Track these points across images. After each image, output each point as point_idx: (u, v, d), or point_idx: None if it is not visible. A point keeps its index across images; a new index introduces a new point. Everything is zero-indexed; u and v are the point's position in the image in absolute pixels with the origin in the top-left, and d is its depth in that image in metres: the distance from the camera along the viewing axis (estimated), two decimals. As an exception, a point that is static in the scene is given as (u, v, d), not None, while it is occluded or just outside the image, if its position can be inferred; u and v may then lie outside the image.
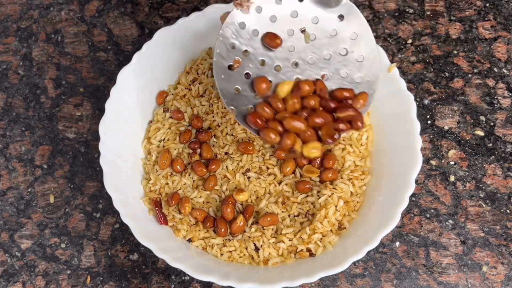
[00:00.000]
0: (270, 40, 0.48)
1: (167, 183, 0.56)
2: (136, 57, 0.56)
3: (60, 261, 0.59)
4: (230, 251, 0.54)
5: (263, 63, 0.49)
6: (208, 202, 0.56)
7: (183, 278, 0.58)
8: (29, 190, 0.62)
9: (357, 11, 0.49)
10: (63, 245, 0.60)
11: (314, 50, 0.50)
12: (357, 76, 0.50)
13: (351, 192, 0.55)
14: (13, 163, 0.64)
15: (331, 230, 0.53)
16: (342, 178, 0.55)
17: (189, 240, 0.55)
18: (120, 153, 0.55)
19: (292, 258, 0.53)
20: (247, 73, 0.48)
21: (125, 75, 0.56)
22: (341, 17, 0.49)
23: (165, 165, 0.56)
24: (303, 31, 0.49)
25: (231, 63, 0.48)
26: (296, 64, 0.49)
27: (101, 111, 0.55)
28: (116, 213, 0.60)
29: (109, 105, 0.55)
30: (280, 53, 0.49)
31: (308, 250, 0.53)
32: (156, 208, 0.55)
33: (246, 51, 0.48)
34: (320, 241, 0.53)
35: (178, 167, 0.56)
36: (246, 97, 0.48)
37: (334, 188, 0.54)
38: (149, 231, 0.52)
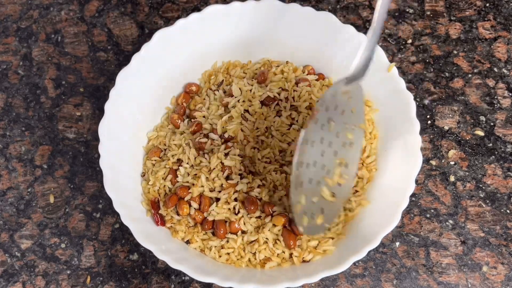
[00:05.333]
0: None
1: (165, 185, 0.56)
2: (135, 58, 0.56)
3: (60, 261, 0.59)
4: (228, 253, 0.53)
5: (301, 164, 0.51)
6: None
7: (183, 278, 0.58)
8: (29, 190, 0.62)
9: (361, 89, 0.52)
10: (63, 245, 0.60)
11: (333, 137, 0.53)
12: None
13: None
14: (13, 163, 0.64)
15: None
16: None
17: (187, 242, 0.55)
18: (120, 155, 0.55)
19: (287, 262, 0.53)
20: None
21: (124, 77, 0.56)
22: (348, 92, 0.52)
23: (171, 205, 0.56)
24: (329, 121, 0.52)
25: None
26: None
27: (101, 111, 0.55)
28: (116, 213, 0.60)
29: (108, 107, 0.55)
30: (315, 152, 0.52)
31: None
32: (153, 210, 0.54)
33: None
34: (315, 248, 0.53)
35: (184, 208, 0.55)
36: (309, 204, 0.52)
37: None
38: (149, 232, 0.52)
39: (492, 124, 0.63)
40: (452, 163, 0.61)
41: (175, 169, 0.56)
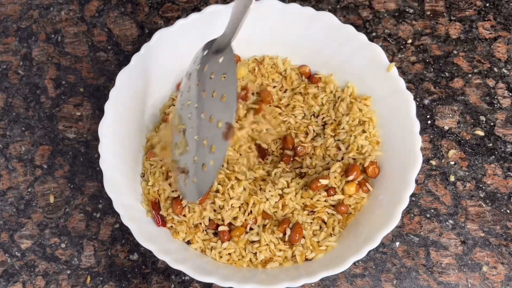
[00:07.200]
0: None
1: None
2: (135, 58, 0.56)
3: (60, 261, 0.59)
4: (229, 254, 0.53)
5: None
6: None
7: (183, 278, 0.58)
8: (29, 190, 0.62)
9: (232, 56, 0.49)
10: (63, 245, 0.60)
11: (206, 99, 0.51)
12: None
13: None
14: (13, 163, 0.64)
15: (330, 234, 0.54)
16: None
17: (188, 242, 0.55)
18: (120, 155, 0.55)
19: (289, 261, 0.53)
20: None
21: (124, 77, 0.56)
22: (222, 62, 0.50)
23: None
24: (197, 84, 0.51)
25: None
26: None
27: (101, 111, 0.55)
28: (116, 213, 0.60)
29: (108, 107, 0.54)
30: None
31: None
32: (154, 211, 0.54)
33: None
34: (318, 244, 0.53)
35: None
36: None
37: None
38: (149, 232, 0.52)
39: (492, 124, 0.63)
40: (452, 163, 0.61)
41: None
